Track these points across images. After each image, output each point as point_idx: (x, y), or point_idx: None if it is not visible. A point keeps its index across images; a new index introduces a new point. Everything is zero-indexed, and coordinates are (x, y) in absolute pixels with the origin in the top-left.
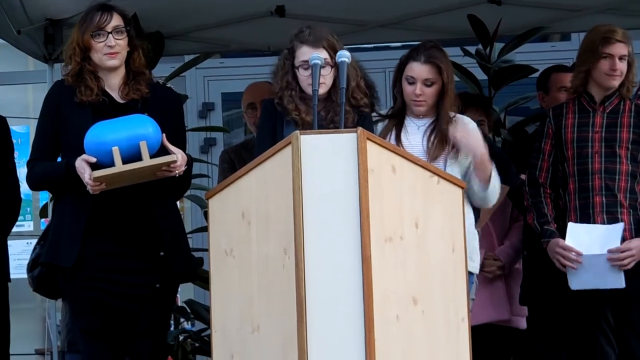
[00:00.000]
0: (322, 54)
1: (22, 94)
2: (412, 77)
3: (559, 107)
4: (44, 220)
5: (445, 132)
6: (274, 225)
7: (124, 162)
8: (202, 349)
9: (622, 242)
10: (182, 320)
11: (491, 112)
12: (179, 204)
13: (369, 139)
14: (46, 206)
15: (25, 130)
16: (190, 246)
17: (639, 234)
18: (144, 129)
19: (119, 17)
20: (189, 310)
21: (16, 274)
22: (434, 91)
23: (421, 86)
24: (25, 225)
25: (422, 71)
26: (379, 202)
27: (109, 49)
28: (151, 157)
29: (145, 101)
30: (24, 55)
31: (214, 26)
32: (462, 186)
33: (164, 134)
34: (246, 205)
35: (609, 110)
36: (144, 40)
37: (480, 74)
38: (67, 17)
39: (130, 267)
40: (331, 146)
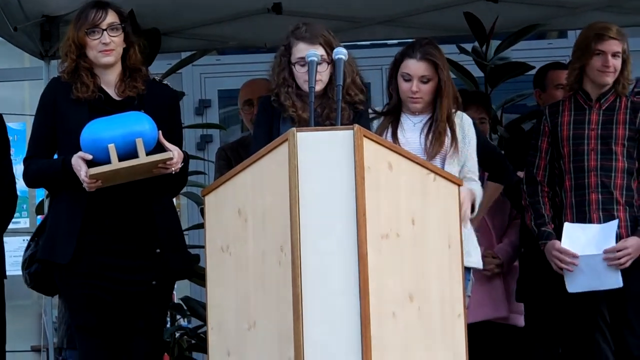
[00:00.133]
0: (319, 51)
1: (18, 91)
2: (408, 74)
3: (555, 104)
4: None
5: (443, 129)
6: (270, 222)
7: (120, 159)
8: (199, 345)
9: (618, 239)
10: (178, 317)
11: (491, 110)
12: (175, 200)
13: (365, 136)
14: (42, 203)
15: (21, 127)
16: (186, 243)
17: (635, 231)
18: (140, 126)
19: (114, 14)
20: (185, 307)
21: (12, 270)
22: (430, 88)
23: (417, 83)
24: (21, 222)
25: (418, 68)
26: (376, 199)
27: (104, 46)
28: (147, 154)
29: (141, 98)
30: (20, 51)
31: (210, 23)
32: (458, 183)
33: (160, 131)
34: (242, 202)
35: (604, 107)
36: (141, 37)
37: (476, 72)
38: (63, 14)
39: (126, 264)
40: (328, 143)
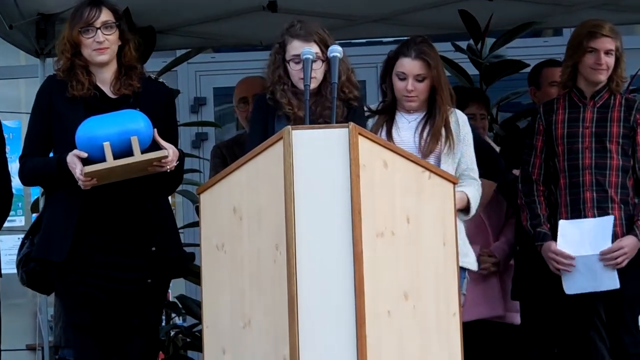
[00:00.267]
0: (313, 49)
1: (13, 89)
2: (403, 73)
3: (549, 102)
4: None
5: (439, 126)
6: (265, 220)
7: (116, 157)
8: (194, 344)
9: (614, 238)
10: (173, 315)
11: (490, 107)
12: (170, 199)
13: (360, 134)
14: (37, 201)
15: (16, 125)
16: (181, 241)
17: (630, 229)
18: (135, 124)
19: (109, 12)
20: (181, 305)
21: (7, 269)
22: (425, 86)
23: (413, 82)
24: (16, 220)
25: (413, 67)
26: (371, 198)
27: (98, 45)
28: (142, 153)
29: (137, 96)
30: (16, 49)
31: (206, 21)
32: (453, 181)
33: (156, 129)
34: (238, 200)
35: (599, 105)
36: (136, 34)
37: (471, 69)
38: (59, 12)
39: (122, 262)
40: (323, 141)
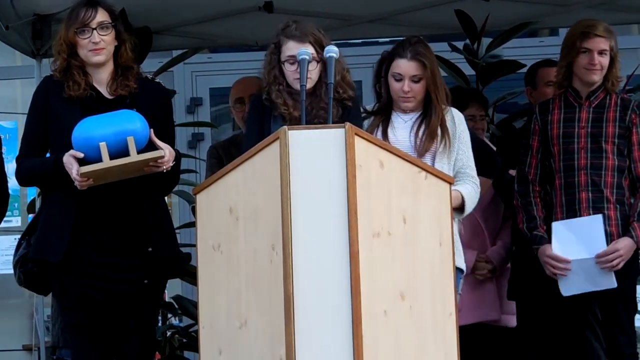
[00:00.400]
0: (309, 49)
1: (9, 89)
2: (399, 74)
3: (545, 102)
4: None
5: (435, 126)
6: (261, 220)
7: (112, 157)
8: (190, 344)
9: (609, 238)
10: (169, 315)
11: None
12: (166, 199)
13: (357, 134)
14: (34, 201)
15: (13, 125)
16: (178, 242)
17: (626, 230)
18: (131, 124)
19: (105, 13)
20: (177, 305)
21: (4, 269)
22: (421, 87)
23: (409, 82)
24: (13, 220)
25: (409, 68)
26: (367, 198)
27: (94, 45)
28: (139, 153)
29: (133, 96)
30: (12, 50)
31: (202, 21)
32: (450, 182)
33: (152, 129)
34: (234, 200)
35: (594, 104)
36: (132, 35)
37: (468, 70)
38: (55, 13)
39: (118, 262)
40: (319, 141)
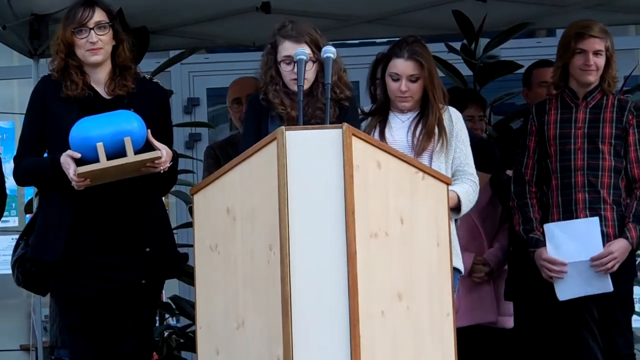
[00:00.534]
0: (305, 49)
1: (7, 89)
2: (396, 73)
3: (541, 103)
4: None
5: (433, 125)
6: (259, 221)
7: (109, 158)
8: (187, 345)
9: (606, 239)
10: (167, 316)
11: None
12: (164, 199)
13: (354, 135)
14: (31, 202)
15: (10, 125)
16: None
17: (622, 231)
18: (128, 124)
19: (102, 13)
20: (174, 306)
21: (1, 269)
22: (418, 86)
23: (406, 82)
24: (10, 221)
25: (406, 67)
26: (364, 198)
27: (91, 45)
28: (136, 153)
29: (131, 96)
30: (9, 50)
31: (199, 21)
32: (447, 182)
33: (149, 130)
34: (231, 201)
35: (591, 105)
36: (129, 35)
37: (465, 70)
38: (52, 12)
39: (115, 262)
40: (316, 142)
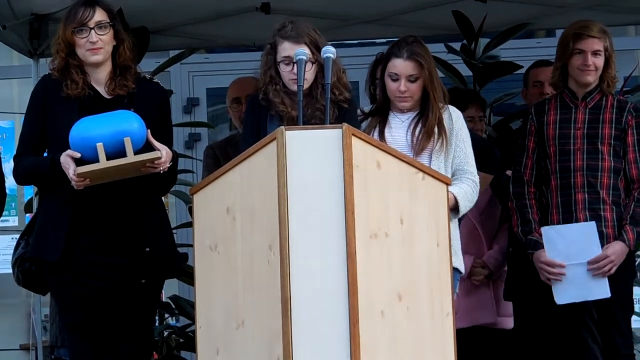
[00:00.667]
0: (304, 50)
1: (6, 89)
2: (395, 73)
3: (540, 103)
4: (28, 215)
5: (432, 124)
6: (258, 220)
7: (109, 158)
8: (187, 344)
9: (605, 240)
10: (166, 315)
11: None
12: (163, 199)
13: (354, 135)
14: (31, 201)
15: (10, 125)
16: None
17: (620, 231)
18: (128, 124)
19: (103, 12)
20: (174, 305)
21: (2, 269)
22: (418, 86)
23: (405, 82)
24: (10, 220)
25: (405, 67)
26: (364, 198)
27: (91, 45)
28: (136, 153)
29: (131, 96)
30: (9, 49)
31: (199, 22)
32: (447, 182)
33: (149, 130)
34: (231, 200)
35: (590, 105)
36: (129, 34)
37: (465, 70)
38: (52, 12)
39: (115, 262)
40: (316, 142)
